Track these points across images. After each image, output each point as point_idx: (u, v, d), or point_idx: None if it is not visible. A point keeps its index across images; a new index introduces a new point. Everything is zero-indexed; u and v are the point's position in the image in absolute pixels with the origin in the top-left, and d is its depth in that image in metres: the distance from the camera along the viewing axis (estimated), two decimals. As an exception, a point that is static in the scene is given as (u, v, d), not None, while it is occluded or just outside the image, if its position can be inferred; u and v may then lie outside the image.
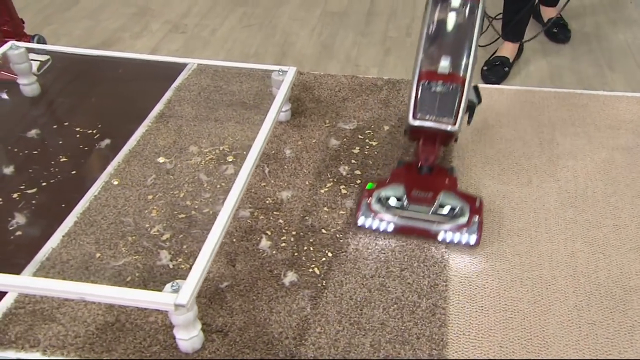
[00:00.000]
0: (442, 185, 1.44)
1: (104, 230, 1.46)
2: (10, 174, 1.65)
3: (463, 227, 1.38)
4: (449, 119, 1.34)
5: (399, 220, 1.40)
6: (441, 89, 1.33)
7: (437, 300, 1.28)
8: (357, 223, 1.44)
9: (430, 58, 1.35)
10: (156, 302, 1.09)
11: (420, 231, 1.41)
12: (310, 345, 1.20)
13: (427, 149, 1.44)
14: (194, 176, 1.63)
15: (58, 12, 2.62)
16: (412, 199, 1.41)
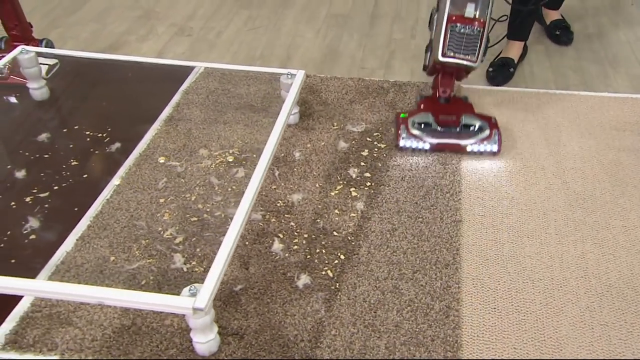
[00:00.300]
0: (462, 109, 1.73)
1: (117, 233, 1.46)
2: (22, 177, 1.64)
3: (485, 139, 1.66)
4: (472, 57, 1.57)
5: (434, 139, 1.68)
6: (467, 30, 1.55)
7: (451, 302, 1.28)
8: (398, 145, 1.71)
9: (456, 3, 1.55)
10: (175, 306, 1.09)
11: (452, 146, 1.69)
12: (326, 348, 1.19)
13: (445, 82, 1.72)
14: (205, 179, 1.62)
15: (64, 16, 2.61)
16: (440, 122, 1.70)
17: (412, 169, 1.64)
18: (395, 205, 1.52)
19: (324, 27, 2.52)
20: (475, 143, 1.66)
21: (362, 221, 1.49)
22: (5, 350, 1.20)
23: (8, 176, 1.64)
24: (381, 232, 1.45)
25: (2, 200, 1.56)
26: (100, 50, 2.35)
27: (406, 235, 1.43)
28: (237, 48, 2.38)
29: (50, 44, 2.16)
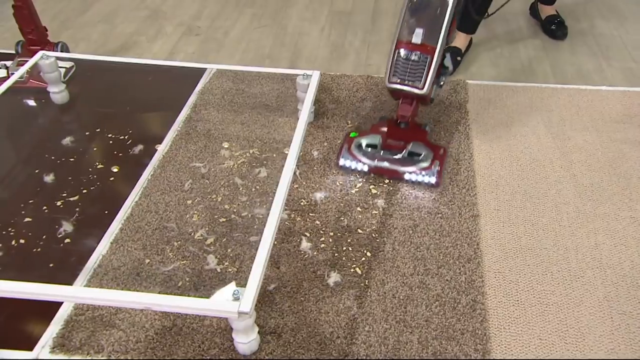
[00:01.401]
0: (414, 136, 1.61)
1: (150, 236, 1.44)
2: (51, 182, 1.61)
3: (425, 169, 1.55)
4: (418, 84, 1.49)
5: (372, 161, 1.58)
6: (413, 57, 1.48)
7: (476, 296, 1.28)
8: (337, 164, 1.62)
9: (407, 29, 1.49)
10: (221, 311, 1.08)
11: (390, 171, 1.58)
12: (362, 344, 1.19)
13: (404, 108, 1.58)
14: (229, 180, 1.60)
15: (73, 17, 2.56)
16: (386, 146, 1.60)
17: (428, 166, 1.64)
18: (414, 202, 1.52)
19: (328, 25, 2.49)
20: (414, 172, 1.55)
21: (384, 218, 1.48)
22: (55, 352, 1.18)
23: (37, 180, 1.61)
24: (403, 228, 1.44)
25: (34, 205, 1.53)
26: (113, 51, 2.31)
27: (428, 231, 1.43)
28: (245, 47, 2.35)
29: (65, 47, 2.12)
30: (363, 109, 1.87)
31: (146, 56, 2.29)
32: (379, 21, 2.50)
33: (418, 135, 1.63)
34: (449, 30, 1.49)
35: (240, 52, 2.32)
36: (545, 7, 2.34)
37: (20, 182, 1.61)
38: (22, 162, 1.69)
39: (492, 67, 2.15)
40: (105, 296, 1.09)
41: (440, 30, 1.47)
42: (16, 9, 1.91)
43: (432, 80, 1.50)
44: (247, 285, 1.10)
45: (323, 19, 2.54)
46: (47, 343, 1.20)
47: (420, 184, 1.57)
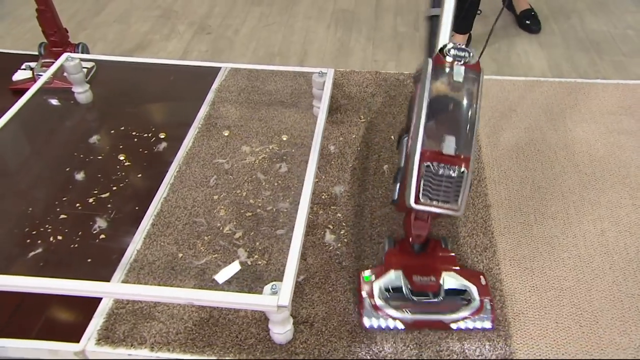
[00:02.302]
0: (442, 264, 1.24)
1: (180, 230, 1.42)
2: (81, 179, 1.58)
3: (476, 312, 1.18)
4: (455, 205, 1.04)
5: (409, 315, 1.19)
6: (446, 172, 1.04)
7: (494, 283, 1.27)
8: (363, 325, 1.19)
9: (431, 135, 1.05)
10: (260, 305, 1.06)
11: (434, 324, 1.19)
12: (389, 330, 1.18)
13: (419, 226, 1.21)
14: (252, 175, 1.58)
15: (89, 18, 2.50)
16: (415, 286, 1.20)
17: (439, 158, 1.62)
18: (430, 194, 1.51)
19: (333, 23, 2.45)
20: (464, 319, 1.18)
21: (402, 209, 1.46)
22: (100, 344, 1.17)
23: (69, 178, 1.58)
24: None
25: (68, 202, 1.50)
26: (129, 50, 2.27)
27: (443, 223, 1.42)
28: (255, 45, 2.31)
29: (86, 48, 2.07)
30: (374, 104, 1.85)
31: (161, 55, 2.25)
32: (382, 18, 2.47)
33: (446, 261, 1.25)
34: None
35: (251, 50, 2.28)
36: (520, 2, 2.33)
37: (53, 180, 1.58)
38: (53, 160, 1.65)
39: (492, 62, 2.13)
40: (151, 292, 1.07)
41: (473, 136, 1.06)
42: (40, 13, 1.86)
43: (466, 198, 1.06)
44: (283, 279, 1.08)
45: (328, 16, 2.50)
46: (92, 335, 1.18)
47: (472, 331, 1.18)
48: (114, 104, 1.90)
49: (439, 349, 1.15)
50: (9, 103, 1.86)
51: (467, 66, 1.08)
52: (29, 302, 1.26)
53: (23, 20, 2.43)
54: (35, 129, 1.76)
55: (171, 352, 1.15)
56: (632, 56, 2.15)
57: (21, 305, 1.26)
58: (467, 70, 1.07)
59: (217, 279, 1.30)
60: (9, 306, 1.25)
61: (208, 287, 1.27)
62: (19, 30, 2.37)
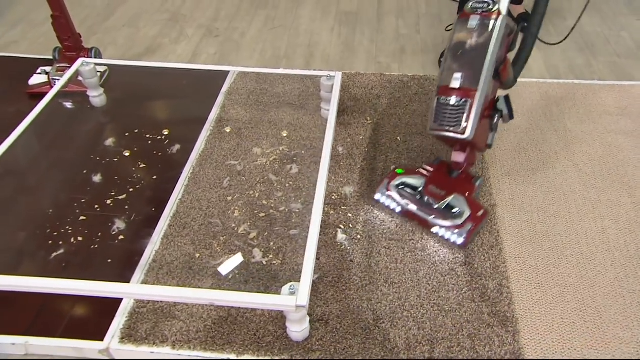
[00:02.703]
0: (459, 188, 1.40)
1: (197, 231, 1.42)
2: (99, 181, 1.58)
3: (456, 227, 1.35)
4: (457, 129, 1.27)
5: (406, 204, 1.42)
6: (451, 101, 1.27)
7: (502, 281, 1.28)
8: (374, 197, 1.47)
9: (448, 74, 1.28)
10: (279, 305, 1.06)
11: (419, 219, 1.40)
12: (402, 327, 1.19)
13: (458, 155, 1.40)
14: (264, 176, 1.58)
15: (99, 23, 2.48)
16: (426, 191, 1.41)
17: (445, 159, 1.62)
18: (437, 194, 1.51)
19: (337, 25, 2.44)
20: (443, 227, 1.36)
21: (410, 209, 1.47)
22: (124, 342, 1.17)
23: (87, 181, 1.57)
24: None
25: (87, 204, 1.50)
26: (140, 54, 2.25)
27: (452, 221, 1.42)
28: (262, 47, 2.30)
29: (98, 52, 2.06)
30: (380, 105, 1.85)
31: (171, 58, 2.24)
32: (384, 20, 2.46)
33: (463, 187, 1.42)
34: (497, 73, 1.31)
35: (258, 53, 2.27)
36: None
37: (72, 182, 1.57)
38: (71, 162, 1.65)
39: (492, 64, 2.12)
40: (175, 293, 1.07)
41: (481, 72, 1.25)
42: (55, 19, 1.85)
43: (476, 124, 1.26)
44: (301, 280, 1.09)
45: (332, 19, 2.49)
46: (115, 334, 1.19)
47: (447, 241, 1.37)
48: (127, 107, 1.90)
49: (450, 344, 1.15)
50: (26, 106, 1.86)
51: (483, 15, 1.26)
52: (52, 302, 1.26)
53: (37, 25, 2.42)
54: (53, 132, 1.76)
55: (192, 350, 1.16)
56: (626, 57, 2.15)
57: (45, 305, 1.26)
58: (483, 18, 1.26)
59: (220, 271, 1.31)
60: (34, 306, 1.25)
61: (226, 287, 1.27)
62: (33, 34, 2.35)
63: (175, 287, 1.21)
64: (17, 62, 2.12)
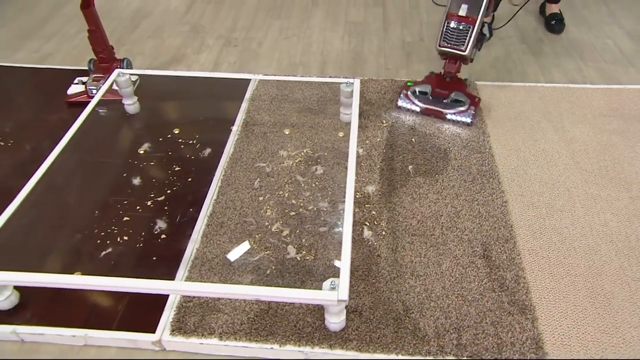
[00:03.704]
0: (456, 87, 1.75)
1: (233, 230, 1.40)
2: (138, 184, 1.55)
3: (463, 112, 1.71)
4: (462, 47, 1.64)
5: (423, 104, 1.75)
6: (458, 26, 1.62)
7: (518, 272, 1.27)
8: (397, 104, 1.80)
9: (456, 4, 1.62)
10: (322, 299, 1.05)
11: (436, 112, 1.74)
12: (430, 317, 1.18)
13: (450, 66, 1.73)
14: (291, 177, 1.56)
15: (126, 34, 2.44)
16: (435, 93, 1.75)
17: (457, 159, 1.61)
18: (452, 191, 1.50)
19: (346, 34, 2.42)
20: (454, 113, 1.71)
21: (430, 206, 1.46)
22: (175, 334, 1.15)
23: (127, 183, 1.55)
24: (448, 215, 1.42)
25: (129, 205, 1.47)
26: (166, 63, 2.22)
27: (469, 217, 1.41)
28: (278, 55, 2.27)
29: (129, 63, 2.02)
30: (393, 109, 1.83)
31: (195, 67, 2.20)
32: (390, 30, 2.43)
33: (459, 86, 1.76)
34: (488, 6, 1.62)
35: (275, 61, 2.24)
36: (551, 5, 2.37)
37: (114, 186, 1.55)
38: (112, 167, 1.62)
39: (492, 69, 2.11)
40: (224, 290, 1.06)
41: (481, 5, 1.59)
42: (91, 33, 1.81)
43: (473, 44, 1.63)
44: (340, 276, 1.07)
45: (341, 28, 2.47)
46: (165, 326, 1.17)
47: (458, 122, 1.72)
48: (159, 114, 1.87)
49: (475, 331, 1.15)
50: (66, 114, 1.84)
51: None
52: (105, 298, 1.24)
53: (69, 38, 2.37)
54: (94, 138, 1.73)
55: (238, 341, 1.14)
56: (613, 63, 2.14)
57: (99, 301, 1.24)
58: None
59: (229, 257, 1.30)
60: (90, 302, 1.23)
61: (265, 282, 1.26)
62: (67, 47, 2.31)
63: (223, 284, 1.20)
64: (54, 73, 2.08)
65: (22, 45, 2.33)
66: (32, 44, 2.35)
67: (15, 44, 2.34)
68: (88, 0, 1.76)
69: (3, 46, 2.32)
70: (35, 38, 2.39)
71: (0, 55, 2.25)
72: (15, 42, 2.36)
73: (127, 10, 2.66)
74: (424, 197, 1.48)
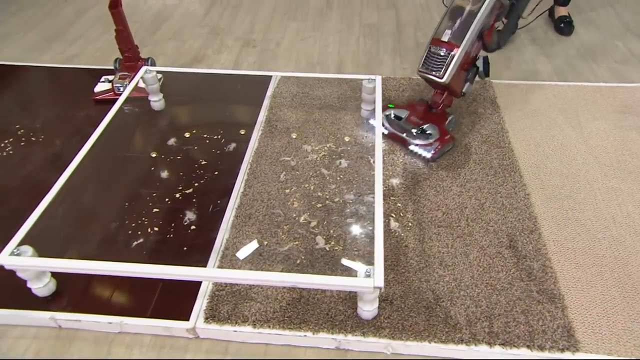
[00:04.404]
0: (434, 120, 1.59)
1: (261, 221, 1.37)
2: (166, 177, 1.53)
3: (426, 145, 1.53)
4: (438, 73, 1.47)
5: (392, 128, 1.60)
6: (439, 51, 1.46)
7: (545, 262, 1.24)
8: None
9: (441, 29, 1.47)
10: (359, 287, 1.02)
11: (399, 139, 1.59)
12: (461, 305, 1.15)
13: (437, 96, 1.60)
14: (316, 171, 1.53)
15: (148, 36, 2.42)
16: (409, 120, 1.60)
17: (478, 153, 1.58)
18: (475, 184, 1.47)
19: (362, 36, 2.40)
20: (417, 145, 1.54)
21: (454, 198, 1.43)
22: (209, 322, 1.12)
23: (156, 177, 1.52)
24: (473, 207, 1.39)
25: (158, 197, 1.45)
26: (187, 63, 2.20)
27: (493, 209, 1.39)
28: (296, 56, 2.25)
29: (153, 61, 2.01)
30: (412, 107, 1.80)
31: (216, 66, 2.18)
32: (404, 32, 2.41)
33: (437, 120, 1.59)
34: (481, 36, 1.48)
35: (294, 60, 2.22)
36: (560, 8, 2.34)
37: (142, 179, 1.52)
38: (140, 161, 1.59)
39: (506, 70, 2.08)
40: (263, 277, 1.03)
41: (466, 32, 1.43)
42: (118, 33, 1.79)
43: (453, 73, 1.46)
44: (375, 264, 1.04)
45: (356, 30, 2.45)
46: (199, 314, 1.14)
47: (418, 156, 1.55)
48: (184, 111, 1.85)
49: (507, 320, 1.12)
50: (93, 111, 1.81)
51: None
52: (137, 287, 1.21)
53: (93, 40, 2.36)
54: (122, 133, 1.70)
55: (272, 329, 1.11)
56: (624, 63, 2.12)
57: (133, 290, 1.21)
58: None
59: (238, 255, 1.27)
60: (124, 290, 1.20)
61: (296, 272, 1.23)
62: (91, 49, 2.29)
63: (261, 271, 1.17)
64: (81, 72, 2.06)
65: (48, 48, 2.31)
66: (58, 46, 2.33)
67: (42, 46, 2.33)
68: (116, 1, 1.74)
69: (31, 48, 2.31)
70: (60, 41, 2.37)
71: (28, 57, 2.23)
72: (41, 44, 2.34)
73: (148, 14, 2.65)
74: (448, 190, 1.45)
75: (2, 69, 2.10)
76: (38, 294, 1.16)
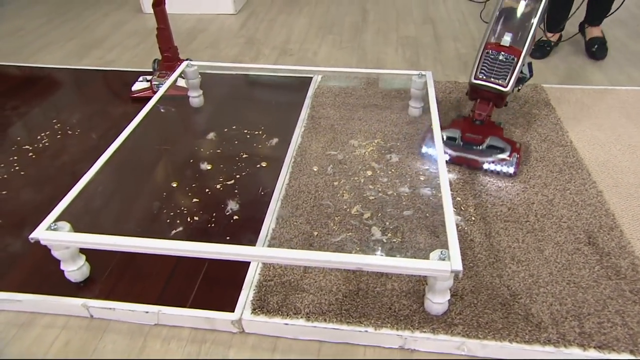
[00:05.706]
0: (491, 132, 1.39)
1: (309, 212, 1.24)
2: (207, 169, 1.41)
3: (504, 160, 1.33)
4: (503, 82, 1.30)
5: (454, 152, 1.37)
6: (501, 57, 1.29)
7: (633, 260, 1.08)
8: (420, 151, 1.43)
9: (496, 34, 1.31)
10: (434, 270, 0.88)
11: (470, 161, 1.36)
12: (543, 303, 0.99)
13: (481, 107, 1.39)
14: (365, 164, 1.41)
15: (184, 45, 2.37)
16: (466, 139, 1.38)
17: (538, 151, 1.44)
18: (540, 180, 1.33)
19: (400, 47, 2.31)
20: (493, 162, 1.33)
21: (519, 194, 1.28)
22: (256, 314, 0.98)
23: (195, 169, 1.41)
24: (540, 202, 1.25)
25: (198, 188, 1.33)
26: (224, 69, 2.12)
27: (564, 205, 1.24)
28: (334, 63, 2.17)
29: (192, 62, 1.93)
30: (459, 107, 1.68)
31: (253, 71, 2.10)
32: (442, 43, 2.33)
33: (494, 131, 1.40)
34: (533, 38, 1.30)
35: (332, 67, 2.13)
36: (592, 29, 2.14)
37: (181, 171, 1.41)
38: (179, 154, 1.49)
39: (553, 76, 1.97)
40: (324, 258, 0.89)
41: (528, 35, 1.28)
42: (159, 31, 1.73)
43: (515, 80, 1.29)
44: (449, 247, 0.90)
45: (394, 41, 2.37)
46: (245, 305, 1.00)
47: (498, 173, 1.34)
48: (223, 107, 1.75)
49: (599, 320, 0.95)
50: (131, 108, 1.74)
51: None
52: (179, 274, 1.08)
53: (130, 49, 2.31)
54: (160, 127, 1.61)
55: (327, 322, 0.96)
56: (677, 72, 1.99)
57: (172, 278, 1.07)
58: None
59: None
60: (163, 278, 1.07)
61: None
62: (128, 55, 2.24)
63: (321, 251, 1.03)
64: (118, 74, 2.00)
65: (87, 54, 2.27)
66: (97, 52, 2.29)
67: (82, 52, 2.29)
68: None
69: (71, 55, 2.27)
70: (99, 48, 2.34)
71: (68, 62, 2.19)
72: (81, 51, 2.31)
73: (184, 26, 2.62)
74: (510, 185, 1.31)
75: (41, 72, 2.05)
76: (71, 278, 1.03)
